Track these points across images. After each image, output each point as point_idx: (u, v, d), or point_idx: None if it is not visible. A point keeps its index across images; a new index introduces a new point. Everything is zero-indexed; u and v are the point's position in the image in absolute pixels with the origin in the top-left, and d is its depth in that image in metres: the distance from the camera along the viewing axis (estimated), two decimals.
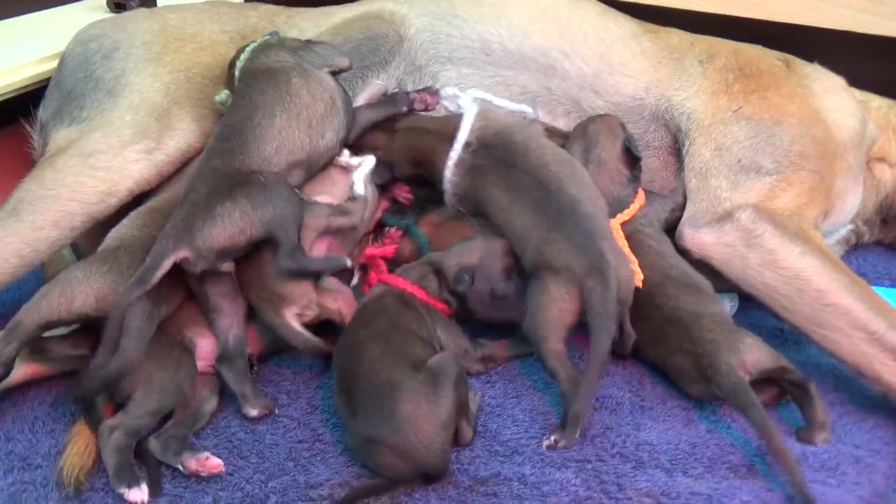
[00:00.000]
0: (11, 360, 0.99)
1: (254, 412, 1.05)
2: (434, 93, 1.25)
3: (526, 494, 0.94)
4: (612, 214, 1.18)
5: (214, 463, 0.96)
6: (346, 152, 1.22)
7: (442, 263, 1.13)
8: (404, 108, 1.25)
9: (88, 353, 1.04)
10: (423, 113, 1.27)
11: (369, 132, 1.25)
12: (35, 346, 1.06)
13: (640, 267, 1.12)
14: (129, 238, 1.09)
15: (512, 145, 1.18)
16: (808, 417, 1.03)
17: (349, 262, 1.12)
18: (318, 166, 1.18)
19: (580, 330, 1.05)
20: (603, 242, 1.06)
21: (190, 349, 1.07)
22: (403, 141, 1.24)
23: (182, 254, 1.00)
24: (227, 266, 1.06)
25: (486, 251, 1.13)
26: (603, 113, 1.30)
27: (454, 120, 1.22)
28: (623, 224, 1.18)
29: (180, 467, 0.96)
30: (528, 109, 1.30)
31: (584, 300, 1.03)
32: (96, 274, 1.01)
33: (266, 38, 1.26)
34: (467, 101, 1.25)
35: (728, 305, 1.25)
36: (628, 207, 1.20)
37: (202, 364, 1.08)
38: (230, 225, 1.02)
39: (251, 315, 1.10)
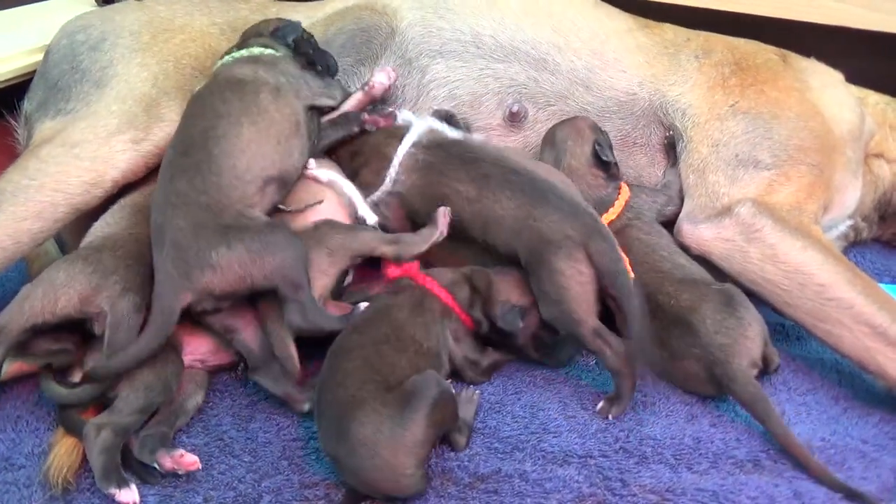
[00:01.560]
0: None
1: (306, 407, 1.01)
2: (388, 115, 1.21)
3: (528, 491, 0.91)
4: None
5: (190, 460, 0.93)
6: (311, 162, 1.16)
7: (490, 291, 1.06)
8: (356, 129, 1.20)
9: (71, 347, 1.02)
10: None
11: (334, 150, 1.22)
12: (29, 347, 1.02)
13: (633, 266, 1.09)
14: (112, 238, 1.06)
15: (468, 142, 1.17)
16: None
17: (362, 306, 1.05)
18: (292, 182, 1.12)
19: None
20: (588, 209, 1.06)
21: (175, 345, 1.04)
22: (349, 146, 1.21)
23: (186, 300, 0.97)
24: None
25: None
26: (573, 116, 1.28)
27: (404, 126, 1.20)
28: (610, 223, 1.15)
29: (156, 466, 0.93)
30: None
31: (595, 263, 1.01)
32: (80, 275, 0.99)
33: (266, 51, 1.18)
34: (422, 121, 1.22)
35: None
36: (612, 206, 1.18)
37: (189, 359, 1.05)
38: (231, 274, 0.97)
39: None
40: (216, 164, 1.01)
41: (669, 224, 1.23)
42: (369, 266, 1.13)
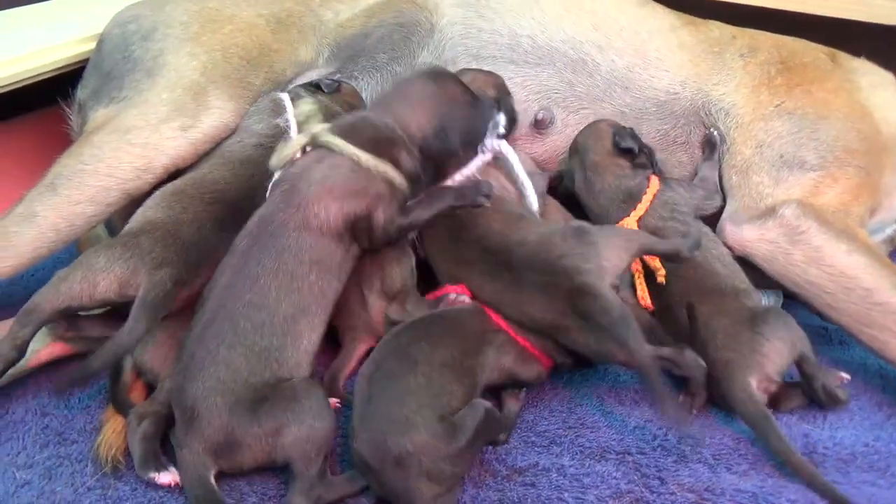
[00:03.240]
0: (26, 344, 0.97)
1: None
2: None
3: (565, 485, 0.92)
4: (627, 210, 1.15)
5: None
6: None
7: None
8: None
9: (96, 334, 1.04)
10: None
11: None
12: (70, 324, 1.05)
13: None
14: (152, 221, 1.07)
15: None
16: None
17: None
18: None
19: None
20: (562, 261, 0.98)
21: None
22: None
23: (214, 474, 0.89)
24: None
25: None
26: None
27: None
28: (641, 219, 1.14)
29: None
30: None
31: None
32: (119, 260, 0.99)
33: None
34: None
35: (773, 303, 1.22)
36: (640, 201, 1.16)
37: None
38: (259, 452, 0.88)
39: None
40: (284, 358, 0.91)
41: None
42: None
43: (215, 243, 1.04)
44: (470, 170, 1.09)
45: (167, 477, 0.91)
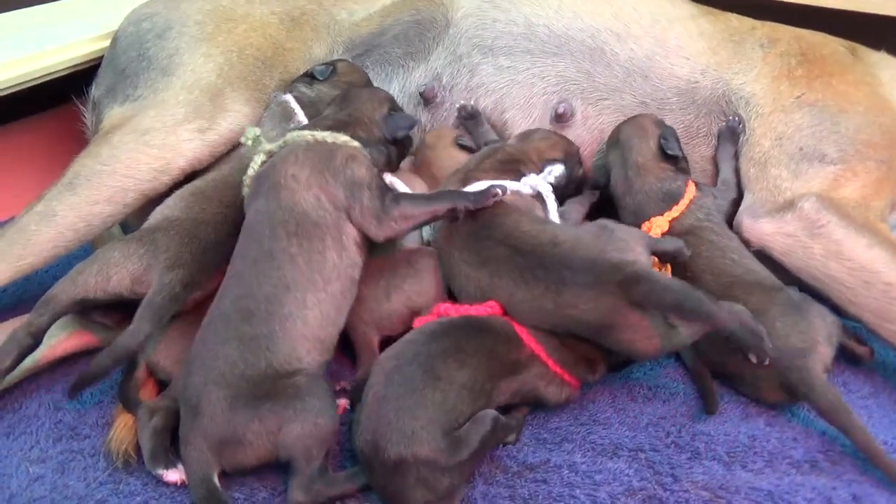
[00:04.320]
0: (42, 333, 0.99)
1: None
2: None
3: (577, 482, 0.91)
4: (662, 210, 1.14)
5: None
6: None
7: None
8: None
9: (111, 324, 1.05)
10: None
11: None
12: (86, 314, 1.06)
13: (701, 269, 1.08)
14: (168, 219, 1.08)
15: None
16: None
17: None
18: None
19: None
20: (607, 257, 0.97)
21: None
22: None
23: (216, 472, 0.89)
24: None
25: None
26: (634, 113, 1.26)
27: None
28: (675, 220, 1.13)
29: None
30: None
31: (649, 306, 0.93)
32: (133, 256, 1.01)
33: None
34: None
35: None
36: (677, 203, 1.15)
37: None
38: (261, 449, 0.88)
39: None
40: (275, 344, 0.90)
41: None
42: None
43: (231, 246, 1.03)
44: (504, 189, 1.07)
45: (174, 475, 0.92)
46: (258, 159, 1.04)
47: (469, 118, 1.29)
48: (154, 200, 1.17)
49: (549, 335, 0.98)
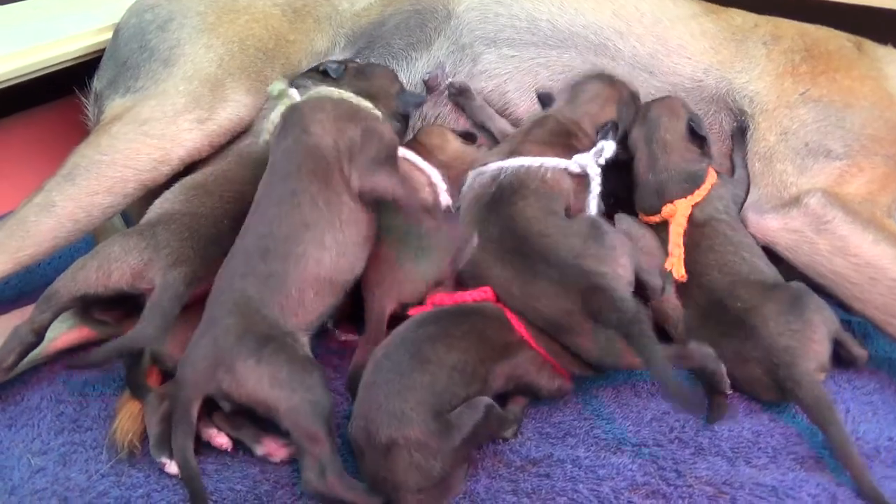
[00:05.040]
0: (44, 329, 0.99)
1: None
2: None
3: (580, 477, 0.90)
4: (684, 193, 1.13)
5: (220, 441, 0.94)
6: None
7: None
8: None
9: (110, 320, 1.05)
10: None
11: None
12: (86, 311, 1.06)
13: (710, 264, 1.07)
14: (168, 213, 1.07)
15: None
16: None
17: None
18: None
19: None
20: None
21: None
22: None
23: (201, 398, 0.90)
24: None
25: None
26: (664, 95, 1.26)
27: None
28: (696, 206, 1.12)
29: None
30: None
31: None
32: (134, 250, 1.00)
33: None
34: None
35: None
36: (699, 187, 1.14)
37: None
38: (246, 390, 0.88)
39: None
40: (287, 287, 0.93)
41: None
42: None
43: (231, 241, 1.02)
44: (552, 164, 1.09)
45: (174, 468, 0.91)
46: (280, 108, 1.09)
47: (459, 94, 1.28)
48: (154, 191, 1.16)
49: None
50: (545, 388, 0.98)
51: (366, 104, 1.09)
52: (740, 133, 1.25)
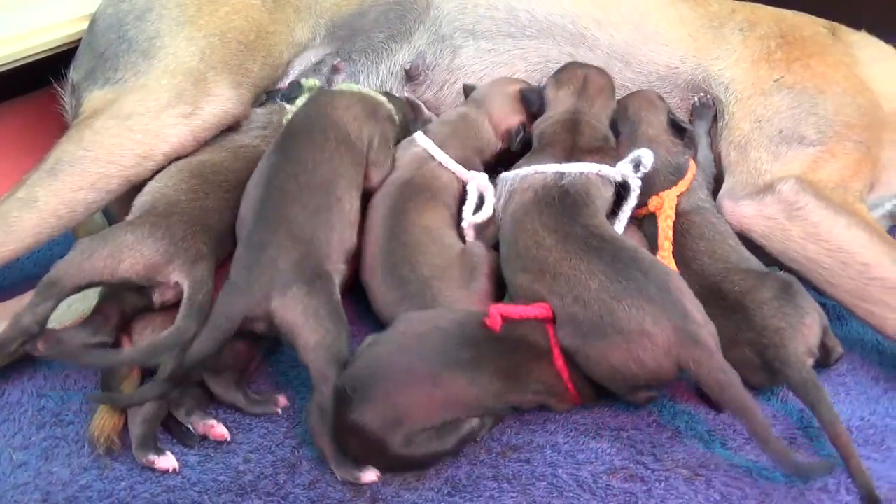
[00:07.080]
0: (46, 319, 0.95)
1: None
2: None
3: (560, 462, 0.92)
4: (670, 184, 1.15)
5: (219, 432, 0.95)
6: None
7: None
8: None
9: (109, 340, 1.00)
10: None
11: None
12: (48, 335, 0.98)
13: (700, 250, 1.08)
14: (178, 205, 1.05)
15: None
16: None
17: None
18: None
19: None
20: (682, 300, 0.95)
21: None
22: None
23: (244, 313, 0.94)
24: None
25: None
26: (637, 89, 1.27)
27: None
28: (681, 195, 1.14)
29: (189, 427, 0.96)
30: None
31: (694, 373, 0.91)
32: (149, 239, 0.97)
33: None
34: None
35: None
36: (684, 178, 1.15)
37: None
38: (287, 317, 0.93)
39: None
40: (332, 222, 1.02)
41: None
42: None
43: (232, 236, 1.04)
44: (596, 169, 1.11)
45: (166, 462, 0.91)
46: (300, 101, 1.22)
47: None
48: (137, 187, 1.16)
49: None
50: (553, 409, 0.99)
51: (383, 99, 1.21)
52: (701, 110, 1.25)
